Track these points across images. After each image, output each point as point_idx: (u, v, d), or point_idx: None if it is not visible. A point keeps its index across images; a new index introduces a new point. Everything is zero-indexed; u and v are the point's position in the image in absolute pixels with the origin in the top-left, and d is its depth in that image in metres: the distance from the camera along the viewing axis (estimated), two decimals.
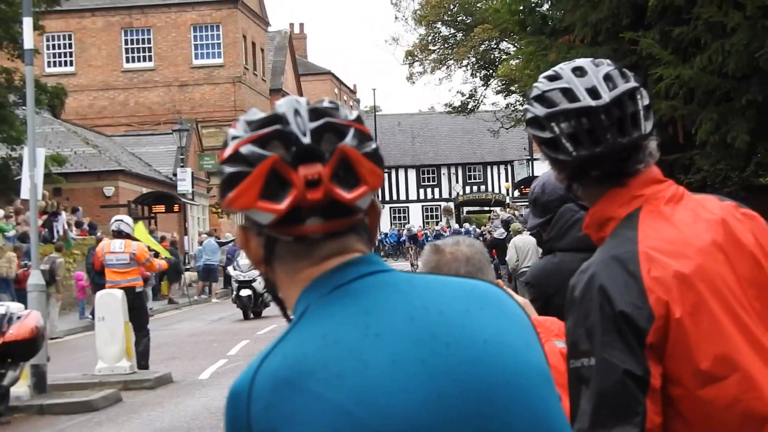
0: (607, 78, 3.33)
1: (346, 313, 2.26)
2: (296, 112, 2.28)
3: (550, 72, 3.43)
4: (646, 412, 3.09)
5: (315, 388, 2.18)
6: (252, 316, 36.01)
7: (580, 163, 3.34)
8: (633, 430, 3.08)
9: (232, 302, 37.37)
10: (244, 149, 2.28)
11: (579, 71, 3.36)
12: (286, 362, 2.23)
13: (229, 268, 39.66)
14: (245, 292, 35.84)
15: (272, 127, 2.28)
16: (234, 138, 2.31)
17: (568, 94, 3.33)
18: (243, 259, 35.39)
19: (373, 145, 2.31)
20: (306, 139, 2.25)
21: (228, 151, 2.31)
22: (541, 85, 3.40)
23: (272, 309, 34.42)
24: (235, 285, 36.96)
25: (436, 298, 2.29)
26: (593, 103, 3.29)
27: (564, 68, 3.40)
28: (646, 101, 3.36)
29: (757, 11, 13.92)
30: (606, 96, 3.29)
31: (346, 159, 2.26)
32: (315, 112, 2.29)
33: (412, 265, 63.15)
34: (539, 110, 3.37)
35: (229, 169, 2.29)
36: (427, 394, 2.18)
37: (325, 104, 2.32)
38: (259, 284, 34.52)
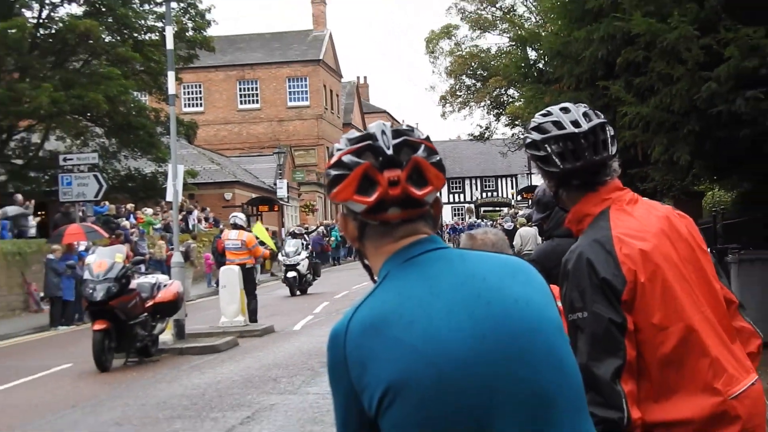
0: (585, 114, 3.40)
1: (416, 278, 2.25)
2: (383, 132, 2.28)
3: (543, 111, 3.49)
4: (626, 348, 3.14)
5: (393, 331, 2.17)
6: (298, 293, 32.18)
7: (565, 174, 3.41)
8: (618, 360, 3.14)
9: (282, 282, 33.44)
10: (345, 158, 2.28)
11: (564, 110, 3.42)
12: (371, 312, 2.22)
13: (279, 255, 34.84)
14: (291, 274, 32.14)
15: (365, 142, 2.28)
16: (338, 150, 2.32)
17: (557, 124, 3.38)
18: (289, 247, 32.88)
19: (438, 157, 2.30)
20: (389, 152, 2.25)
21: (333, 159, 2.31)
22: (538, 119, 3.46)
23: (314, 287, 33.43)
24: (283, 268, 33.01)
25: (480, 268, 2.27)
26: (576, 130, 3.36)
27: (554, 108, 3.46)
28: (612, 133, 3.43)
29: (695, 65, 13.81)
30: (585, 126, 3.36)
31: (418, 166, 2.26)
32: (396, 132, 2.29)
33: None
34: (536, 136, 3.42)
35: (333, 172, 2.29)
36: (473, 338, 2.17)
37: (404, 127, 2.32)
38: (303, 267, 32.55)
